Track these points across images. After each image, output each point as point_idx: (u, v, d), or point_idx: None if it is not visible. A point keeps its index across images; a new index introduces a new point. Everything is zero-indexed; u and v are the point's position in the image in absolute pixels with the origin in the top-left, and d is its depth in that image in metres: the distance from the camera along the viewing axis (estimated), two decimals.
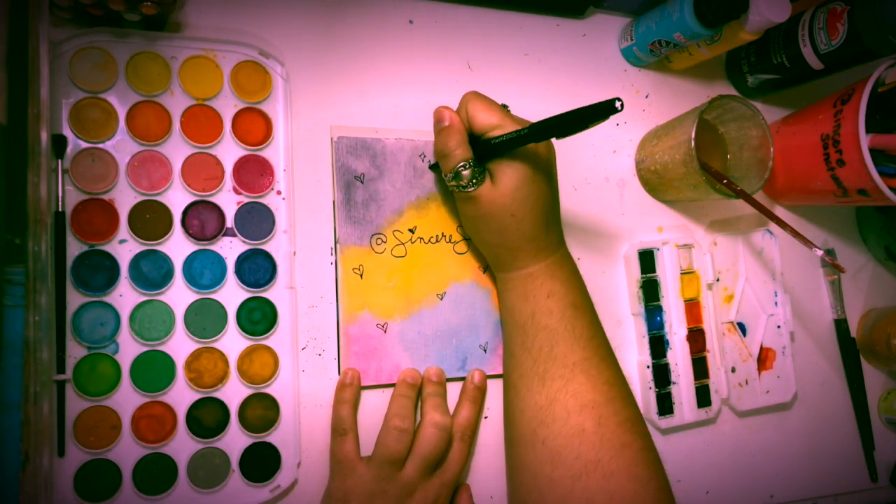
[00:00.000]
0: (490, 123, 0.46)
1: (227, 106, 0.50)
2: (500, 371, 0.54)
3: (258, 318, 0.49)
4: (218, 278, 0.49)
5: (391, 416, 0.49)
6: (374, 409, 0.51)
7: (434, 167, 0.54)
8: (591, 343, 0.49)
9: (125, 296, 0.47)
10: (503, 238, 0.48)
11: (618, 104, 0.38)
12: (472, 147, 0.47)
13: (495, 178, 0.46)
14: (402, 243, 0.53)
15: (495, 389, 0.55)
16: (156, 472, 0.46)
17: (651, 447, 0.48)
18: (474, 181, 0.46)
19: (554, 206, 0.49)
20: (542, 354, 0.48)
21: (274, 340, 0.50)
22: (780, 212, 0.67)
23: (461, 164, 0.46)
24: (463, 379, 0.54)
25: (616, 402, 0.47)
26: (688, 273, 0.60)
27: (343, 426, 0.49)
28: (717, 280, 0.62)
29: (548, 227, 0.49)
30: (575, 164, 0.60)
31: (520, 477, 0.49)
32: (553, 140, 0.59)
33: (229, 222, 0.49)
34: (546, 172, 0.48)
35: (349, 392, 0.50)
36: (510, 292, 0.51)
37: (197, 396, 0.47)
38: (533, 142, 0.44)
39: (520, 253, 0.49)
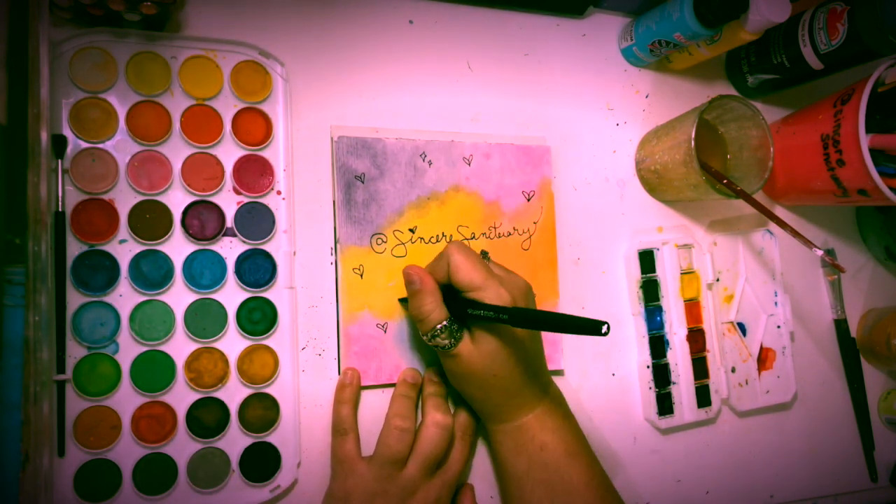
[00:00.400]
0: (471, 283, 0.45)
1: (227, 106, 0.50)
2: None
3: (258, 318, 0.49)
4: (218, 278, 0.49)
5: (392, 416, 0.48)
6: (374, 408, 0.51)
7: (403, 301, 0.53)
8: (589, 487, 0.48)
9: (125, 296, 0.47)
10: (487, 395, 0.48)
11: (603, 329, 0.37)
12: (450, 300, 0.46)
13: (475, 338, 0.46)
14: (403, 243, 0.53)
15: None
16: (156, 472, 0.46)
17: None
18: (453, 340, 0.46)
19: (537, 356, 0.49)
20: None
21: (274, 340, 0.50)
22: (780, 212, 0.67)
23: (438, 326, 0.45)
24: None
25: None
26: (688, 273, 0.60)
27: (343, 426, 0.49)
28: (717, 280, 0.62)
29: (532, 380, 0.48)
30: (575, 164, 0.60)
31: None
32: (552, 143, 0.59)
33: (229, 222, 0.49)
34: (528, 333, 0.47)
35: (349, 392, 0.50)
36: (501, 445, 0.50)
37: (197, 396, 0.47)
38: (509, 324, 0.43)
39: (506, 407, 0.48)
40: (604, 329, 0.37)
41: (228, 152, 0.50)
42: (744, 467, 0.62)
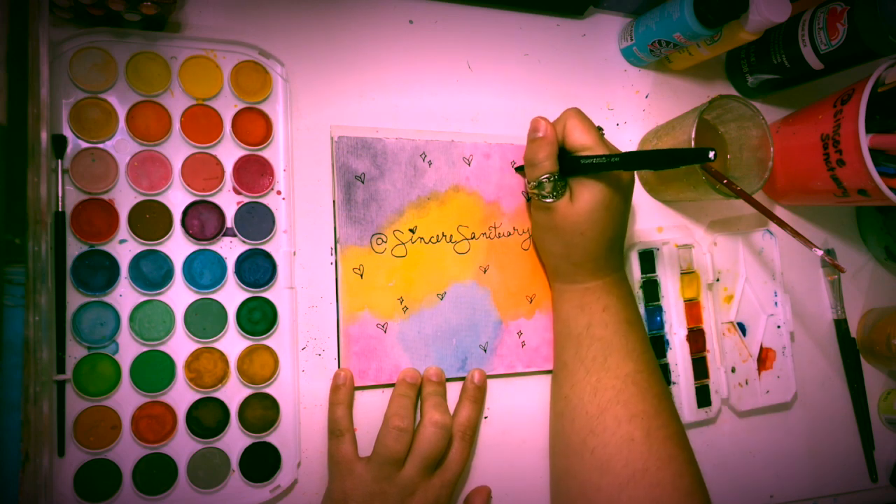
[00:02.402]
0: (583, 144, 0.48)
1: (227, 106, 0.50)
2: (500, 371, 0.54)
3: (258, 318, 0.49)
4: (218, 278, 0.49)
5: (391, 416, 0.48)
6: (374, 408, 0.51)
7: (519, 169, 0.56)
8: (643, 357, 0.50)
9: (125, 296, 0.47)
10: (568, 252, 0.50)
11: (711, 154, 0.41)
12: (560, 161, 0.49)
13: (574, 196, 0.49)
14: (403, 243, 0.53)
15: (495, 390, 0.55)
16: (156, 472, 0.46)
17: (694, 461, 0.49)
18: (555, 194, 0.48)
19: (622, 233, 0.52)
20: (595, 364, 0.49)
21: (274, 340, 0.50)
22: (780, 212, 0.67)
23: (546, 175, 0.48)
24: (463, 379, 0.54)
25: (664, 414, 0.49)
26: (688, 273, 0.60)
27: (339, 427, 0.49)
28: (717, 280, 0.62)
29: (611, 250, 0.51)
30: None
31: (566, 485, 0.50)
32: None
33: (229, 222, 0.49)
34: (623, 201, 0.50)
35: (343, 393, 0.50)
36: (566, 303, 0.52)
37: (197, 396, 0.47)
38: (620, 169, 0.47)
39: (581, 269, 0.51)
40: (711, 154, 0.41)
41: (228, 152, 0.50)
42: (744, 467, 0.62)
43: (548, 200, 0.49)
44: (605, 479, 0.47)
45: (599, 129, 0.50)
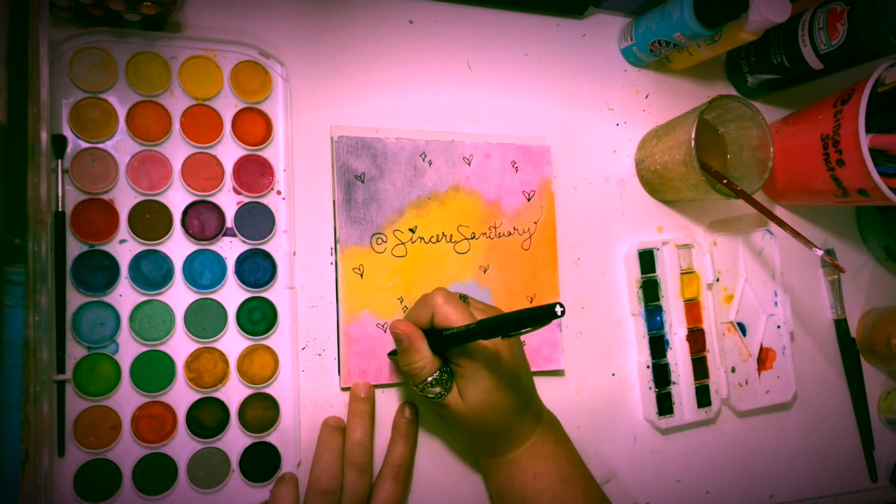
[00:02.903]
0: (454, 323, 0.45)
1: (227, 106, 0.50)
2: None
3: (258, 318, 0.49)
4: (218, 278, 0.49)
5: (317, 476, 0.47)
6: (376, 407, 0.51)
7: (392, 354, 0.52)
8: None
9: (125, 296, 0.47)
10: (477, 438, 0.49)
11: (558, 309, 0.38)
12: (430, 339, 0.46)
13: (462, 392, 0.46)
14: (403, 243, 0.53)
15: None
16: (156, 472, 0.46)
17: None
18: (442, 391, 0.46)
19: (525, 394, 0.48)
20: None
21: (274, 340, 0.50)
22: (780, 212, 0.67)
23: (429, 379, 0.46)
24: None
25: None
26: (688, 273, 0.60)
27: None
28: (717, 280, 0.62)
29: (522, 415, 0.48)
30: (575, 164, 0.60)
31: None
32: (552, 143, 0.59)
33: (229, 222, 0.49)
34: (512, 375, 0.47)
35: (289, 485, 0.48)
36: (494, 476, 0.50)
37: (197, 396, 0.47)
38: (479, 338, 0.44)
39: (497, 444, 0.49)
40: (558, 310, 0.37)
41: (228, 152, 0.50)
42: (744, 467, 0.62)
43: (439, 398, 0.46)
44: None
45: (463, 297, 0.48)
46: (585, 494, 0.49)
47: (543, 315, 0.39)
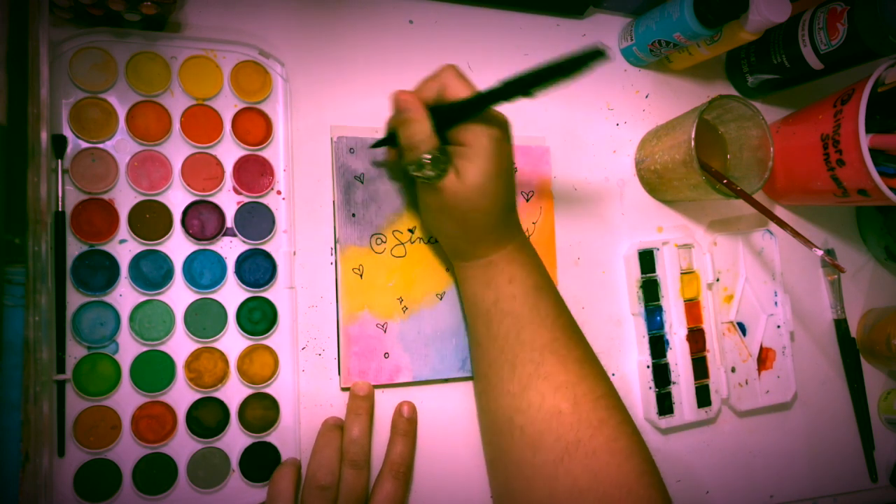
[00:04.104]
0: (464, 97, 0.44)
1: (227, 106, 0.50)
2: None
3: (258, 318, 0.49)
4: (218, 278, 0.49)
5: (314, 471, 0.47)
6: (375, 408, 0.51)
7: (378, 144, 0.51)
8: (557, 323, 0.48)
9: (125, 296, 0.47)
10: (464, 230, 0.47)
11: (604, 48, 0.34)
12: (433, 115, 0.45)
13: (460, 172, 0.45)
14: (402, 243, 0.53)
15: None
16: (156, 472, 0.46)
17: (628, 420, 0.47)
18: (438, 171, 0.45)
19: (513, 196, 0.49)
20: (509, 341, 0.47)
21: (274, 340, 0.50)
22: (780, 212, 0.68)
23: (427, 155, 0.44)
24: (463, 379, 0.54)
25: (589, 379, 0.47)
26: (688, 273, 0.60)
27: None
28: (717, 280, 0.62)
29: (508, 216, 0.48)
30: (575, 164, 0.60)
31: (502, 465, 0.48)
32: (552, 143, 0.59)
33: (229, 222, 0.49)
34: (509, 165, 0.47)
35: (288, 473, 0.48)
36: (470, 280, 0.50)
37: (197, 396, 0.47)
38: (503, 100, 0.42)
39: (480, 244, 0.48)
40: (604, 49, 0.34)
41: (228, 152, 0.50)
42: (744, 467, 0.62)
43: (435, 182, 0.45)
44: (538, 456, 0.45)
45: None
46: (556, 305, 0.49)
47: (582, 59, 0.35)
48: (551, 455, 0.45)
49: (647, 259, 0.59)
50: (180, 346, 0.47)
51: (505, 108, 0.58)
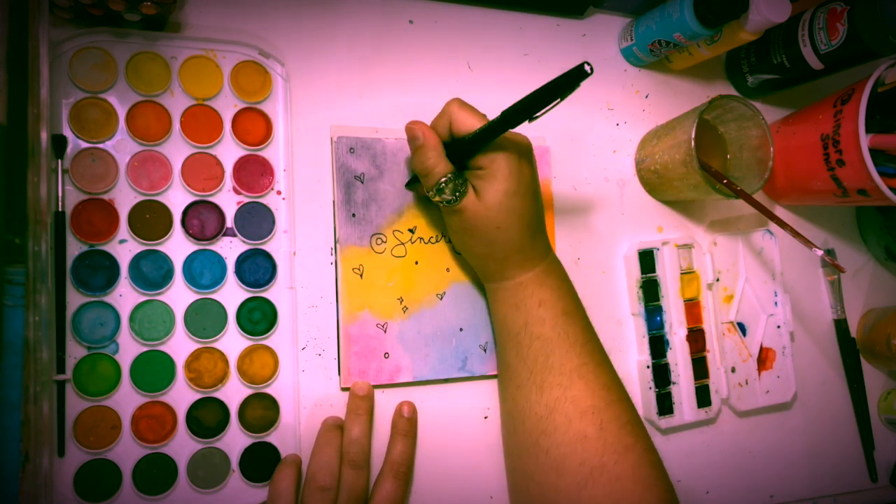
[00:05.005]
0: (473, 127, 0.46)
1: (227, 106, 0.50)
2: None
3: (258, 318, 0.49)
4: (218, 278, 0.49)
5: (314, 473, 0.47)
6: (375, 408, 0.51)
7: (410, 184, 0.53)
8: (586, 348, 0.49)
9: (125, 296, 0.47)
10: (490, 249, 0.48)
11: (587, 67, 0.36)
12: (449, 151, 0.47)
13: (479, 192, 0.46)
14: (402, 243, 0.53)
15: (496, 389, 0.55)
16: (156, 472, 0.46)
17: (652, 448, 0.48)
18: (457, 194, 0.46)
19: (539, 216, 0.49)
20: (537, 364, 0.48)
21: (274, 340, 0.50)
22: (780, 212, 0.67)
23: (442, 179, 0.46)
24: (463, 380, 0.54)
25: (615, 405, 0.48)
26: (688, 273, 0.60)
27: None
28: (717, 280, 0.62)
29: (534, 236, 0.49)
30: (575, 164, 0.60)
31: (526, 488, 0.49)
32: (552, 143, 0.59)
33: (229, 222, 0.49)
34: (530, 184, 0.48)
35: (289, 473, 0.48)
36: (500, 303, 0.51)
37: (197, 396, 0.47)
38: (507, 128, 0.44)
39: (508, 263, 0.49)
40: (587, 68, 0.37)
41: (228, 152, 0.50)
42: (744, 467, 0.62)
43: (455, 205, 0.47)
44: (562, 479, 0.46)
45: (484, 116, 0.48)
46: (585, 330, 0.50)
47: (571, 79, 0.37)
48: (575, 479, 0.45)
49: (647, 259, 0.59)
50: (180, 346, 0.47)
51: (505, 106, 0.58)
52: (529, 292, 0.49)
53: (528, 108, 0.42)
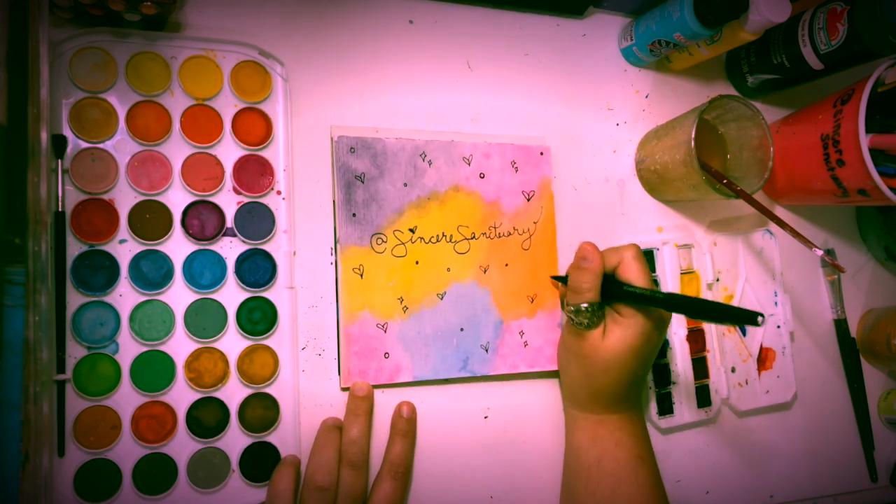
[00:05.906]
0: (636, 281, 0.49)
1: (227, 106, 0.50)
2: (501, 372, 0.54)
3: (258, 318, 0.49)
4: (218, 278, 0.49)
5: (313, 472, 0.47)
6: (375, 408, 0.51)
7: (558, 279, 0.56)
8: (653, 492, 0.50)
9: (125, 296, 0.47)
10: (589, 382, 0.51)
11: (759, 319, 0.41)
12: (604, 282, 0.50)
13: (607, 331, 0.49)
14: (403, 243, 0.53)
15: (497, 390, 0.55)
16: (156, 472, 0.46)
17: None
18: (590, 323, 0.49)
19: (644, 377, 0.53)
20: (604, 498, 0.50)
21: (274, 340, 0.50)
22: (780, 212, 0.67)
23: (585, 304, 0.49)
24: (464, 380, 0.54)
25: None
26: (688, 273, 0.60)
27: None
28: (717, 280, 0.62)
29: (632, 389, 0.51)
30: (575, 163, 0.60)
31: None
32: (552, 143, 0.59)
33: (229, 222, 0.49)
34: (652, 351, 0.51)
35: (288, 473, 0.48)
36: (579, 431, 0.53)
37: (197, 396, 0.47)
38: (660, 307, 0.48)
39: (599, 402, 0.51)
40: (759, 319, 0.41)
41: (228, 152, 0.50)
42: (744, 467, 0.62)
43: (582, 331, 0.50)
44: None
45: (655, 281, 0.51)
46: (655, 477, 0.52)
47: (739, 318, 0.42)
48: None
49: (647, 259, 0.59)
50: (180, 346, 0.47)
51: (504, 109, 0.59)
52: (609, 430, 0.51)
53: (693, 310, 0.47)
